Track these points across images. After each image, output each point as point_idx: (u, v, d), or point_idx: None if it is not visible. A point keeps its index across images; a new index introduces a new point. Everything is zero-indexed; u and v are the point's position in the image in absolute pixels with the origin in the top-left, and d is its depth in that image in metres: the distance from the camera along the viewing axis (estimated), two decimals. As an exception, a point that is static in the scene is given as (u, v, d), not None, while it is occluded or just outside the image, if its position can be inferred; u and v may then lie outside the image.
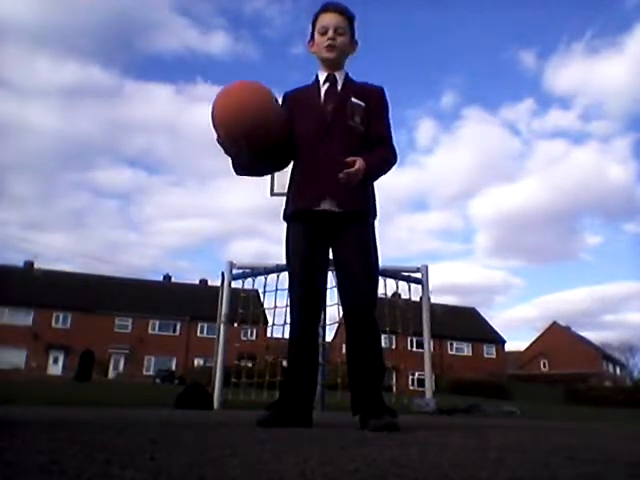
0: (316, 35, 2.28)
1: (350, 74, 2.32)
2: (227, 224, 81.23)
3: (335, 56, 2.25)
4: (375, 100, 2.26)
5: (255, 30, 76.79)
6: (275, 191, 5.19)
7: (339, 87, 2.25)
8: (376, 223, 2.26)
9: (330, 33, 2.22)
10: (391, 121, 2.30)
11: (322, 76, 2.29)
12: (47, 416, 2.38)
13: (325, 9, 2.28)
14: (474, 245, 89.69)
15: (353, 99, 2.20)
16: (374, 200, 2.25)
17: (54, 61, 65.26)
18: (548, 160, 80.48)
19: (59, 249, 72.35)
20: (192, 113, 69.38)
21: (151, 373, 36.13)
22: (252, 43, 75.65)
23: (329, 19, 2.24)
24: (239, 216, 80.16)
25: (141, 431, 1.69)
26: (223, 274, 5.32)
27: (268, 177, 5.24)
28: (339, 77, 2.28)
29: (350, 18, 2.29)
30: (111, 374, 36.28)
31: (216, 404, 4.70)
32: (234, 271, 5.32)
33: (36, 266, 43.27)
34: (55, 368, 36.74)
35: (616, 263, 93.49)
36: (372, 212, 2.23)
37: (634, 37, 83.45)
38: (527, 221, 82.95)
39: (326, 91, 2.24)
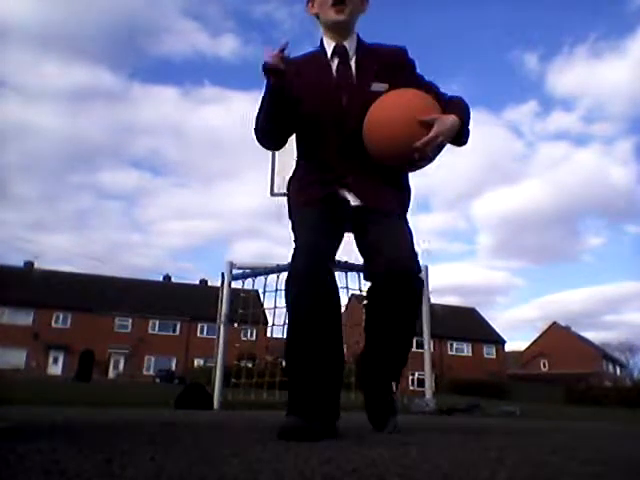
0: None
1: (361, 35, 1.90)
2: (229, 225, 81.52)
3: (345, 18, 1.80)
4: (400, 68, 1.82)
5: (265, 33, 77.20)
6: (275, 191, 5.19)
7: (352, 64, 1.81)
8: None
9: None
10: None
11: (329, 46, 1.84)
12: (47, 416, 2.38)
13: None
14: (476, 246, 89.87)
15: (373, 86, 1.77)
16: (409, 193, 1.90)
17: (62, 64, 65.67)
18: (551, 162, 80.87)
19: (62, 250, 72.47)
20: (198, 115, 69.84)
21: (151, 373, 36.13)
22: (261, 46, 75.95)
23: None
24: (241, 217, 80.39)
25: (141, 431, 1.69)
26: (223, 274, 5.31)
27: (268, 177, 5.25)
28: (350, 47, 1.83)
29: None
30: (111, 374, 36.25)
31: (216, 404, 4.68)
32: (234, 271, 5.31)
33: (37, 266, 43.27)
34: (55, 368, 36.72)
35: (617, 263, 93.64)
36: (405, 207, 1.86)
37: (637, 40, 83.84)
38: (529, 222, 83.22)
39: (337, 70, 1.81)
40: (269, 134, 1.84)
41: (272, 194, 5.19)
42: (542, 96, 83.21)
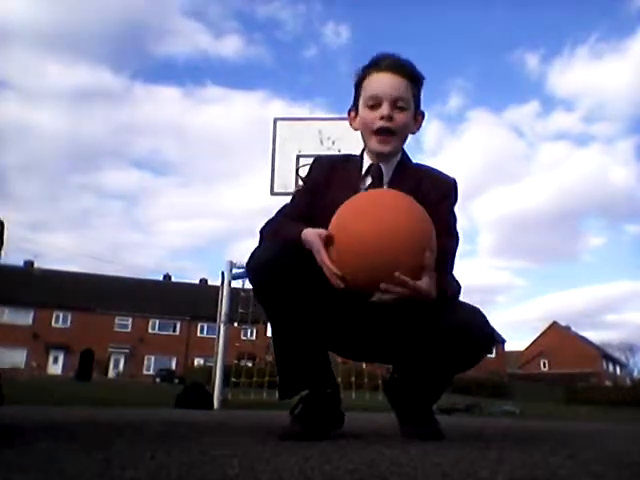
0: (362, 107, 1.57)
1: (407, 153, 1.65)
2: (229, 224, 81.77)
3: (390, 150, 1.56)
4: (437, 200, 1.54)
5: (268, 33, 77.65)
6: (275, 190, 5.21)
7: (385, 187, 1.59)
8: None
9: (385, 109, 1.51)
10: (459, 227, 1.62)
11: (366, 162, 1.62)
12: (47, 416, 2.38)
13: (378, 67, 1.55)
14: (477, 246, 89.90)
15: None
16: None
17: (64, 64, 65.89)
18: (552, 162, 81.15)
19: (63, 250, 72.60)
20: (199, 116, 70.19)
21: (151, 373, 36.15)
22: (264, 46, 76.50)
23: (384, 85, 1.52)
24: (241, 216, 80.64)
25: (141, 431, 1.69)
26: (223, 273, 5.32)
27: (268, 176, 5.27)
28: (388, 168, 1.59)
29: (416, 80, 1.57)
30: (111, 374, 36.27)
31: (216, 404, 4.69)
32: (234, 270, 5.31)
33: (37, 266, 43.29)
34: (55, 368, 36.75)
35: (617, 263, 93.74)
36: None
37: (637, 41, 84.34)
38: (530, 222, 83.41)
39: (367, 189, 1.61)
40: None
41: (272, 193, 5.21)
42: (543, 96, 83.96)
